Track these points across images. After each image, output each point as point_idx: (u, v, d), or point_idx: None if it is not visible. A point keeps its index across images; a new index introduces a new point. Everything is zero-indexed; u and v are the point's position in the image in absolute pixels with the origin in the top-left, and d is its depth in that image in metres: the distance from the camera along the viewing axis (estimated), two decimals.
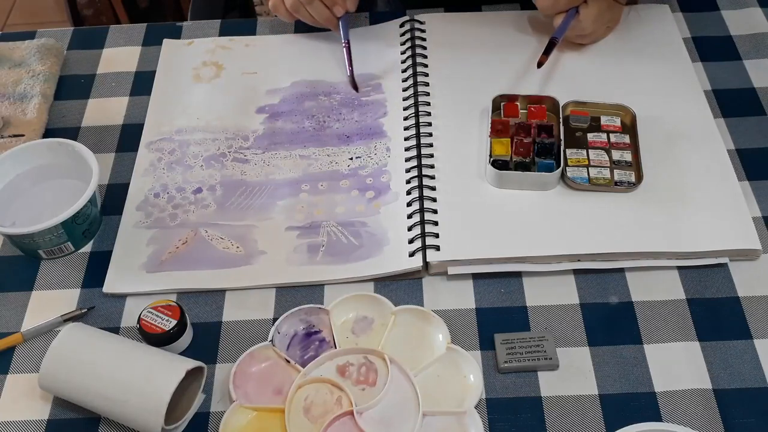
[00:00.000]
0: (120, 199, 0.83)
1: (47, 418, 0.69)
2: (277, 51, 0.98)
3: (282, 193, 0.83)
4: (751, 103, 0.88)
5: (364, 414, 0.67)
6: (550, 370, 0.69)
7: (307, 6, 0.91)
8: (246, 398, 0.68)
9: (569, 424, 0.66)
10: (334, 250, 0.77)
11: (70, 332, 0.68)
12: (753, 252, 0.75)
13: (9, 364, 0.72)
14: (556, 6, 0.86)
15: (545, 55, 0.86)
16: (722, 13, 0.99)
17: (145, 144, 0.88)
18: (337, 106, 0.91)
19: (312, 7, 0.91)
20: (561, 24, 0.87)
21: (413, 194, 0.80)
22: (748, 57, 0.93)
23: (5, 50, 0.98)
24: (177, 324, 0.70)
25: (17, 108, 0.92)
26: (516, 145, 0.82)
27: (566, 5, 0.86)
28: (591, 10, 0.87)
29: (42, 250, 0.78)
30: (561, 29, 0.87)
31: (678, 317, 0.72)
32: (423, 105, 0.88)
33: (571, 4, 0.87)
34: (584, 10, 0.87)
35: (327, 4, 0.91)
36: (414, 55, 0.94)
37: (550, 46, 0.86)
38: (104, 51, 1.00)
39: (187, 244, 0.79)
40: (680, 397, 0.67)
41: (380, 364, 0.70)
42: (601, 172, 0.80)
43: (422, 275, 0.76)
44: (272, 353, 0.70)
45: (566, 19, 0.87)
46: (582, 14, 0.87)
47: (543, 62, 0.86)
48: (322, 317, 0.73)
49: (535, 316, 0.73)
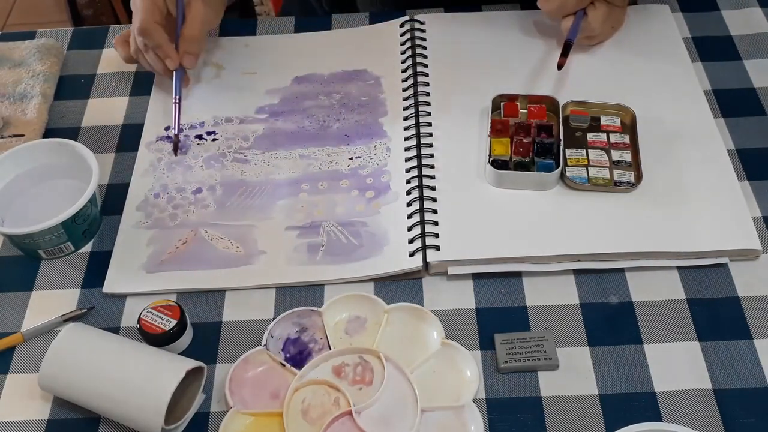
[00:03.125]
0: (120, 199, 0.83)
1: (47, 418, 0.69)
2: (277, 51, 0.98)
3: (282, 193, 0.83)
4: (751, 103, 0.88)
5: (362, 413, 0.67)
6: (550, 370, 0.69)
7: (145, 54, 0.88)
8: (243, 404, 0.67)
9: (569, 424, 0.66)
10: (334, 250, 0.77)
11: (70, 332, 0.68)
12: (753, 252, 0.75)
13: (9, 364, 0.72)
14: (563, 9, 0.86)
15: (564, 57, 0.86)
16: (722, 13, 0.99)
17: (145, 144, 0.88)
18: (337, 106, 0.91)
19: (148, 56, 0.88)
20: (573, 25, 0.86)
21: (413, 194, 0.80)
22: (748, 57, 0.93)
23: (5, 50, 0.99)
24: (177, 324, 0.70)
25: (17, 108, 0.92)
26: (516, 145, 0.82)
27: (574, 8, 0.86)
28: (599, 11, 0.87)
29: (42, 250, 0.78)
30: (573, 30, 0.86)
31: (678, 317, 0.72)
32: (423, 105, 0.88)
33: (579, 6, 0.86)
34: (592, 12, 0.87)
35: (160, 56, 0.88)
36: (414, 55, 0.94)
37: (567, 47, 0.86)
38: (104, 51, 1.00)
39: (187, 244, 0.79)
40: (680, 397, 0.67)
41: (376, 362, 0.70)
42: (600, 172, 0.80)
43: (422, 275, 0.76)
44: (267, 357, 0.70)
45: (577, 20, 0.86)
46: (590, 16, 0.87)
47: (563, 64, 0.86)
48: (314, 319, 0.72)
49: (535, 316, 0.73)
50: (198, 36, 0.88)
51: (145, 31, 0.85)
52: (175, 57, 0.87)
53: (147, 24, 0.85)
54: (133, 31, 0.87)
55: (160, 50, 0.87)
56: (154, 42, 0.86)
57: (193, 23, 0.88)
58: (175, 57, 0.87)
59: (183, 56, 0.88)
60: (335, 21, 1.01)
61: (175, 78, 0.89)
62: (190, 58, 0.88)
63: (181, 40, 0.88)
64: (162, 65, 0.88)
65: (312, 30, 1.00)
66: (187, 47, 0.88)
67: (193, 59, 0.89)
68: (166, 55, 0.87)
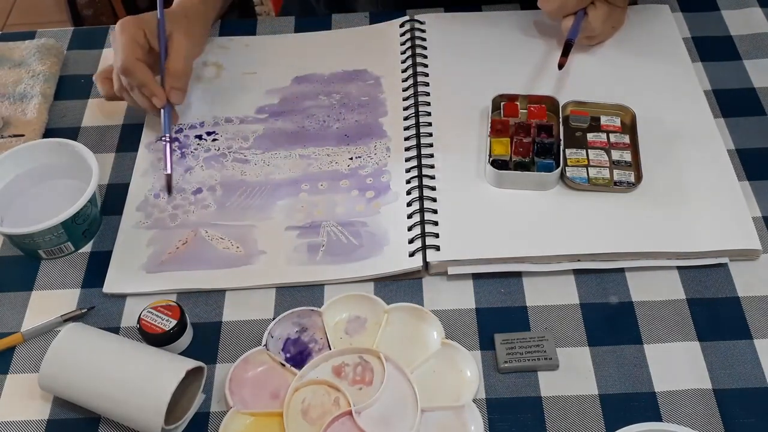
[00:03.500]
0: (120, 199, 0.83)
1: (47, 418, 0.69)
2: (277, 51, 0.98)
3: (282, 193, 0.83)
4: (751, 103, 0.88)
5: (362, 413, 0.67)
6: (550, 370, 0.69)
7: (131, 92, 0.85)
8: (243, 404, 0.68)
9: (569, 424, 0.66)
10: (334, 250, 0.77)
11: (70, 332, 0.68)
12: (753, 252, 0.75)
13: (9, 364, 0.72)
14: (564, 9, 0.86)
15: (564, 56, 0.86)
16: (722, 13, 0.99)
17: (145, 144, 0.88)
18: (337, 106, 0.91)
19: (135, 95, 0.85)
20: (573, 25, 0.86)
21: (413, 194, 0.80)
22: (748, 57, 0.93)
23: (5, 50, 0.99)
24: (177, 324, 0.70)
25: (17, 108, 0.92)
26: (515, 145, 0.82)
27: (574, 8, 0.86)
28: (600, 11, 0.87)
29: (42, 250, 0.78)
30: (574, 30, 0.86)
31: (678, 317, 0.72)
32: (423, 105, 0.88)
33: (579, 6, 0.86)
34: (593, 12, 0.87)
35: (146, 95, 0.84)
36: (414, 55, 0.94)
37: (567, 47, 0.86)
38: (104, 51, 1.00)
39: (187, 244, 0.79)
40: (680, 397, 0.67)
41: (376, 362, 0.70)
42: (600, 172, 0.80)
43: (422, 275, 0.76)
44: (267, 358, 0.70)
45: (577, 20, 0.86)
46: (591, 15, 0.87)
47: (563, 64, 0.86)
48: (314, 319, 0.72)
49: (535, 316, 0.73)
50: (183, 70, 0.85)
51: (128, 70, 0.82)
52: (161, 94, 0.84)
53: (129, 63, 0.81)
54: (115, 70, 0.84)
55: (146, 89, 0.83)
56: (137, 81, 0.82)
57: (178, 57, 0.84)
58: (161, 94, 0.84)
59: (170, 92, 0.84)
60: (335, 21, 1.01)
61: (164, 115, 0.85)
62: (177, 93, 0.85)
63: (167, 76, 0.84)
64: (148, 103, 0.85)
65: (312, 30, 1.00)
66: (173, 82, 0.84)
67: (180, 94, 0.85)
68: (152, 93, 0.83)
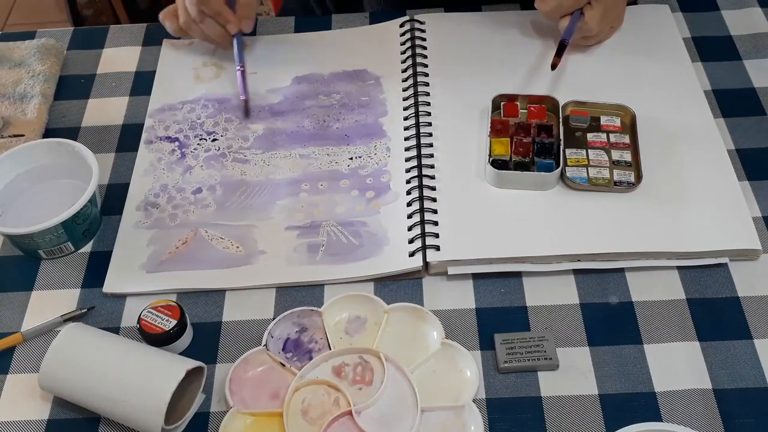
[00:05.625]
0: (120, 199, 0.83)
1: (47, 418, 0.69)
2: (277, 51, 0.98)
3: (282, 193, 0.83)
4: (751, 103, 0.88)
5: (362, 413, 0.67)
6: (550, 370, 0.69)
7: (200, 24, 0.89)
8: (243, 404, 0.68)
9: (569, 424, 0.66)
10: (334, 249, 0.77)
11: (70, 332, 0.68)
12: (753, 252, 0.75)
13: (9, 364, 0.72)
14: (560, 10, 0.87)
15: (557, 57, 0.86)
16: (722, 13, 0.99)
17: (145, 144, 0.88)
18: (337, 106, 0.91)
19: (205, 25, 0.89)
20: (569, 25, 0.87)
21: (413, 194, 0.80)
22: (748, 57, 0.93)
23: (5, 50, 0.99)
24: (177, 324, 0.70)
25: (17, 108, 0.92)
26: (515, 145, 0.82)
27: (570, 8, 0.87)
28: (596, 11, 0.87)
29: (42, 250, 0.78)
30: (569, 31, 0.87)
31: (678, 317, 0.72)
32: (423, 105, 0.88)
33: (575, 6, 0.87)
34: (589, 12, 0.87)
35: (220, 22, 0.90)
36: (414, 55, 0.94)
37: (561, 47, 0.86)
38: (104, 51, 1.00)
39: (187, 244, 0.79)
40: (680, 397, 0.67)
41: (376, 362, 0.70)
42: (600, 172, 0.80)
43: (422, 275, 0.76)
44: (267, 358, 0.70)
45: (573, 21, 0.87)
46: (587, 15, 0.87)
47: (556, 64, 0.86)
48: (314, 319, 0.72)
49: (535, 316, 0.73)
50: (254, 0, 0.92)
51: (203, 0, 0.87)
52: (235, 21, 0.90)
53: None
54: (183, 3, 0.89)
55: (220, 16, 0.89)
56: (212, 9, 0.88)
57: None
58: (235, 21, 0.90)
59: (241, 21, 0.91)
60: (335, 21, 1.01)
61: (236, 44, 0.91)
62: (248, 22, 0.92)
63: (238, 6, 0.91)
64: (220, 31, 0.91)
65: (312, 30, 1.00)
66: (245, 12, 0.91)
67: (251, 23, 0.92)
68: (226, 20, 0.90)
